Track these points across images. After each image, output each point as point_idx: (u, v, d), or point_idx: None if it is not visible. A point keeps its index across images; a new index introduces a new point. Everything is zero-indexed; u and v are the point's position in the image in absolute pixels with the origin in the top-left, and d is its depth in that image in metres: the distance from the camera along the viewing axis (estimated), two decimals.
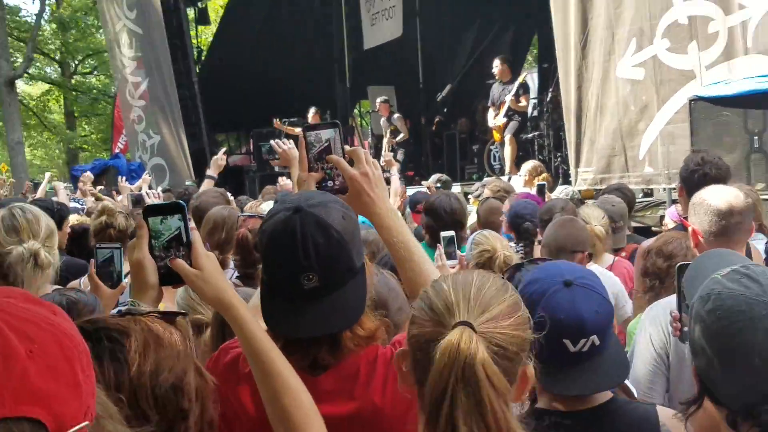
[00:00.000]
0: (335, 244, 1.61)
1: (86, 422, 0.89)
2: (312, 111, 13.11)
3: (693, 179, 3.92)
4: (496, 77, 11.01)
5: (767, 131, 6.61)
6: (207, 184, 6.93)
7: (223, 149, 8.06)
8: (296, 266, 1.60)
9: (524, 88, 10.70)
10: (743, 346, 1.35)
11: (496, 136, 11.26)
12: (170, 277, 1.62)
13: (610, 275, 3.97)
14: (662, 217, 7.58)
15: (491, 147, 12.04)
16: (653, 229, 7.50)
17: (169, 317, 1.41)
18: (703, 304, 1.41)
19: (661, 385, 2.79)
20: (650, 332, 2.82)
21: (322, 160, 1.91)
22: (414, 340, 1.33)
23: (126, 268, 3.99)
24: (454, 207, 4.39)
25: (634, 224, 7.02)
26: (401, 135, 12.85)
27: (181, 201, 1.66)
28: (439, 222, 4.28)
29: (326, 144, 1.90)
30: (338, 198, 1.77)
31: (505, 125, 10.73)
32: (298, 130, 12.81)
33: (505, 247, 3.71)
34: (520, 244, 4.58)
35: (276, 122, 13.03)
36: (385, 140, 13.03)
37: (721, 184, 3.38)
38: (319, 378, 1.68)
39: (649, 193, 8.23)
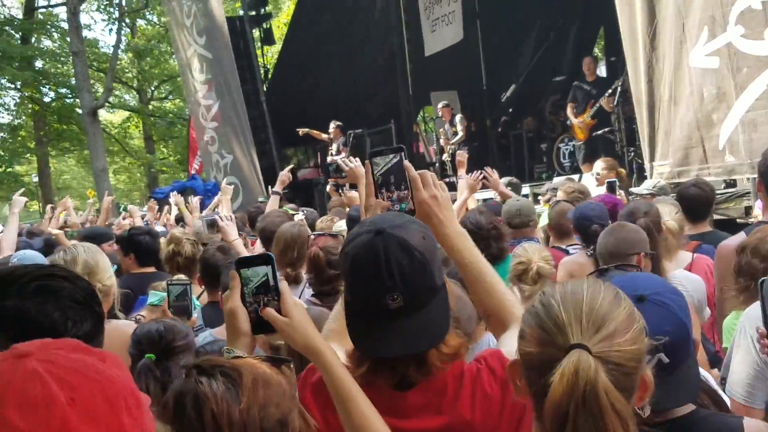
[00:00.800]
0: (418, 264, 1.64)
1: None
2: (332, 126, 13.39)
3: None
4: (586, 76, 10.91)
5: None
6: (273, 200, 7.05)
7: (290, 166, 8.18)
8: (381, 287, 1.62)
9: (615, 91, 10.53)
10: None
11: (580, 134, 11.04)
12: (261, 326, 1.70)
13: (696, 279, 3.78)
14: (748, 208, 7.25)
15: (560, 145, 11.78)
16: (738, 220, 7.19)
17: (275, 362, 1.50)
18: None
19: (764, 391, 2.65)
20: (752, 335, 2.69)
21: (387, 185, 1.93)
22: (527, 357, 1.31)
23: (198, 290, 4.10)
24: (479, 221, 4.37)
25: (717, 217, 6.73)
26: (459, 136, 12.76)
27: (270, 253, 1.73)
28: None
29: (391, 166, 1.92)
30: (416, 219, 1.80)
31: (593, 123, 10.68)
32: (324, 136, 13.09)
33: (543, 259, 3.69)
34: (591, 248, 4.42)
35: (300, 131, 13.22)
36: (442, 141, 12.94)
37: None
38: (408, 393, 1.70)
39: (731, 184, 7.87)
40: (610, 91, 10.33)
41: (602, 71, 14.95)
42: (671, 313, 1.77)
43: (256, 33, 17.24)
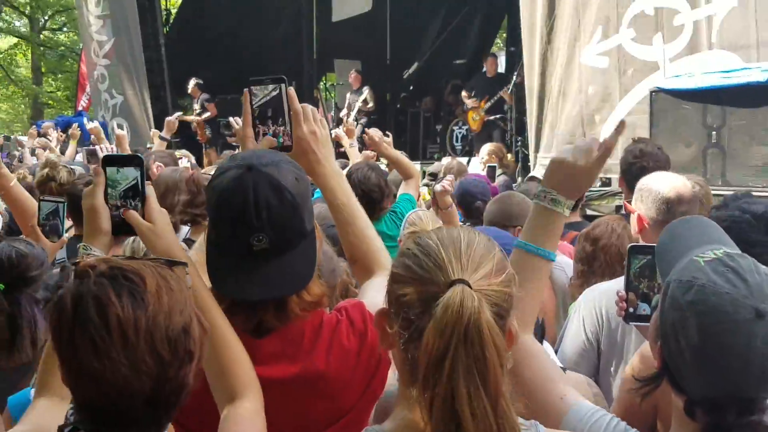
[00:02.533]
0: (288, 206, 1.58)
1: None
2: (192, 83, 13.43)
3: (631, 171, 3.91)
4: (488, 72, 11.48)
5: (725, 127, 6.60)
6: (159, 146, 6.82)
7: (178, 112, 7.95)
8: (247, 226, 1.56)
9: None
10: (721, 347, 1.33)
11: (474, 125, 11.47)
12: (122, 228, 1.65)
13: (567, 260, 3.85)
14: (618, 207, 7.58)
15: (454, 128, 11.99)
16: None
17: (171, 265, 1.39)
18: (683, 292, 1.37)
19: (587, 369, 2.79)
20: (584, 315, 2.84)
21: (264, 118, 1.85)
22: (403, 300, 1.27)
23: (68, 223, 3.92)
24: (367, 176, 4.26)
25: (589, 212, 7.00)
26: (370, 105, 12.82)
27: (140, 154, 1.66)
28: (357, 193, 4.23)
29: (271, 99, 1.83)
30: (290, 158, 1.72)
31: (486, 118, 11.12)
32: (193, 118, 12.93)
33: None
34: (467, 223, 4.51)
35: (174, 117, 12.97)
36: (352, 112, 12.92)
37: (668, 172, 3.33)
38: (262, 341, 1.65)
39: (606, 183, 8.21)
40: (508, 86, 10.78)
41: (502, 61, 15.30)
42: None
43: None
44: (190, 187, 3.62)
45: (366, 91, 12.80)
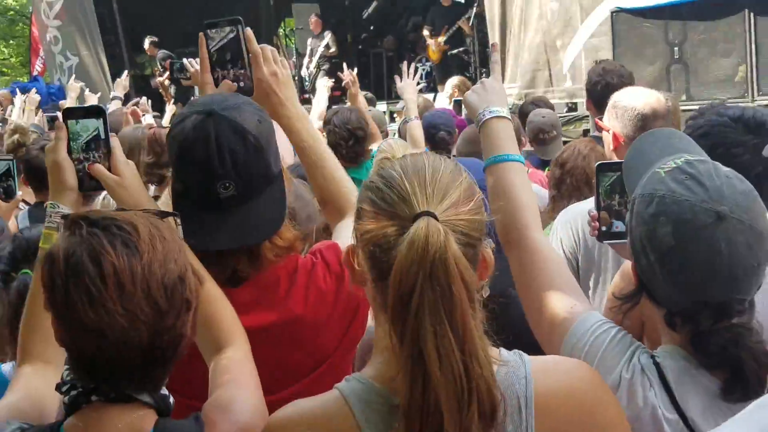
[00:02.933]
0: (252, 150, 1.54)
1: None
2: (147, 42, 13.22)
3: (597, 90, 3.91)
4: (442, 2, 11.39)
5: (687, 42, 6.61)
6: (114, 105, 6.71)
7: (126, 71, 7.85)
8: (212, 174, 1.52)
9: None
10: (686, 254, 1.33)
11: (434, 56, 11.43)
12: (89, 183, 1.59)
13: (544, 194, 3.86)
14: (586, 131, 7.61)
15: (417, 65, 11.85)
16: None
17: (162, 216, 1.37)
18: (646, 206, 1.37)
19: None
20: (561, 236, 2.85)
21: (223, 62, 1.78)
22: (368, 236, 1.21)
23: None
24: (350, 118, 4.30)
25: None
26: (333, 49, 12.63)
27: (102, 106, 1.62)
28: (333, 134, 4.24)
29: (228, 42, 1.77)
30: (251, 100, 1.68)
31: (447, 47, 11.11)
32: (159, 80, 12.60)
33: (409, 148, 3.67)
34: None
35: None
36: (314, 58, 12.72)
37: (640, 87, 3.32)
38: (238, 290, 1.61)
39: (573, 108, 8.23)
40: (467, 15, 10.65)
41: None
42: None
43: None
44: (153, 147, 3.52)
45: (328, 36, 12.62)
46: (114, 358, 1.21)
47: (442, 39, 11.09)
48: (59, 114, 4.74)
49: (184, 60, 3.96)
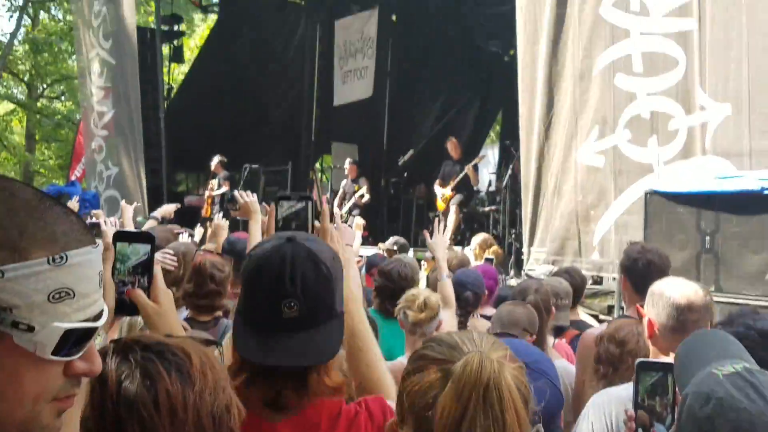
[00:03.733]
0: (323, 277, 1.61)
1: None
2: (216, 160, 13.47)
3: (637, 267, 3.86)
4: (450, 153, 11.96)
5: (719, 233, 6.66)
6: (149, 224, 6.81)
7: (176, 204, 8.04)
8: (280, 291, 1.57)
9: (476, 168, 11.75)
10: None
11: (441, 206, 11.84)
12: (126, 307, 1.63)
13: (570, 369, 3.83)
14: (610, 307, 7.57)
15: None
16: (600, 317, 7.47)
17: (208, 344, 1.39)
18: (701, 405, 1.34)
19: None
20: (593, 420, 2.75)
21: (288, 228, 1.89)
22: (415, 390, 1.22)
23: None
24: (406, 273, 4.46)
25: (581, 309, 6.98)
26: (367, 197, 12.99)
27: (152, 234, 1.65)
28: (389, 286, 4.35)
29: (296, 212, 1.90)
30: (327, 246, 1.78)
31: (452, 196, 11.58)
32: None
33: (432, 295, 3.80)
34: (457, 312, 4.53)
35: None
36: (347, 203, 13.05)
37: (677, 277, 3.33)
38: (278, 425, 1.62)
39: (598, 281, 8.23)
40: (472, 163, 11.43)
41: (495, 153, 15.56)
42: (550, 382, 1.79)
43: (165, 49, 16.88)
44: (196, 276, 3.58)
45: (364, 186, 13.01)
46: None
47: (449, 188, 11.56)
48: (101, 222, 4.84)
49: (235, 192, 4.08)
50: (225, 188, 13.27)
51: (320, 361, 1.63)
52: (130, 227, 6.70)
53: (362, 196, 12.92)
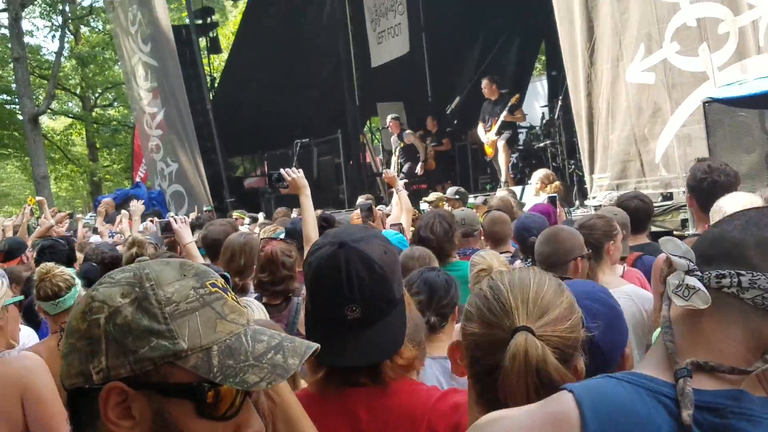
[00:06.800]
0: (377, 277, 1.69)
1: None
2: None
3: (702, 188, 3.83)
4: (485, 96, 11.57)
5: None
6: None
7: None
8: (340, 298, 1.67)
9: (514, 107, 11.26)
10: None
11: (489, 150, 11.62)
12: None
13: (648, 296, 3.64)
14: (684, 221, 7.44)
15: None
16: (674, 233, 7.35)
17: None
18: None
19: None
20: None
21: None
22: (471, 338, 1.36)
23: None
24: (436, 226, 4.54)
25: (654, 229, 6.88)
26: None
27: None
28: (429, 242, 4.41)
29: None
30: (378, 233, 1.87)
31: (497, 139, 11.23)
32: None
33: (501, 264, 3.67)
34: (528, 260, 4.50)
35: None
36: (394, 157, 13.09)
37: (737, 192, 3.26)
38: (359, 408, 1.71)
39: (668, 197, 8.07)
40: (507, 109, 11.01)
41: (544, 85, 15.24)
42: (602, 318, 1.78)
43: (202, 42, 17.14)
44: (270, 266, 3.69)
45: (409, 137, 13.05)
46: None
47: (493, 132, 11.22)
48: (171, 220, 5.01)
49: (281, 170, 4.16)
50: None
51: (389, 355, 1.72)
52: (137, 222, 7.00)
53: (405, 149, 13.02)
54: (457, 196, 8.08)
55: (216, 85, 17.71)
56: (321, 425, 1.66)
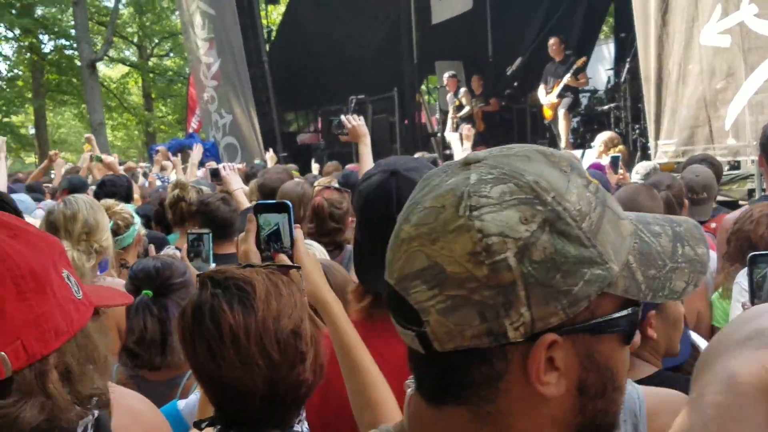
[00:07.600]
0: None
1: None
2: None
3: None
4: (552, 55, 11.27)
5: None
6: (271, 161, 6.97)
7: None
8: (391, 226, 1.56)
9: (579, 70, 10.95)
10: None
11: (548, 113, 11.41)
12: None
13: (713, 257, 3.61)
14: (751, 191, 7.20)
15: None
16: (740, 202, 7.13)
17: (284, 269, 1.54)
18: None
19: None
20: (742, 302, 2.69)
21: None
22: None
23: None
24: None
25: (720, 198, 6.68)
26: (465, 109, 12.78)
27: (287, 202, 1.72)
28: None
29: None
30: (429, 164, 1.85)
31: (559, 103, 10.99)
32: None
33: None
34: None
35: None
36: (449, 116, 12.93)
37: None
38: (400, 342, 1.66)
39: (735, 166, 7.82)
40: (571, 71, 10.70)
41: (611, 48, 14.80)
42: None
43: None
44: (316, 216, 3.68)
45: (464, 96, 12.87)
46: (236, 403, 1.40)
47: (553, 95, 10.98)
48: (221, 167, 5.01)
49: (342, 117, 4.10)
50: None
51: None
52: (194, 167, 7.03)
53: (459, 108, 12.74)
54: None
55: (272, 37, 17.65)
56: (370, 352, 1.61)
